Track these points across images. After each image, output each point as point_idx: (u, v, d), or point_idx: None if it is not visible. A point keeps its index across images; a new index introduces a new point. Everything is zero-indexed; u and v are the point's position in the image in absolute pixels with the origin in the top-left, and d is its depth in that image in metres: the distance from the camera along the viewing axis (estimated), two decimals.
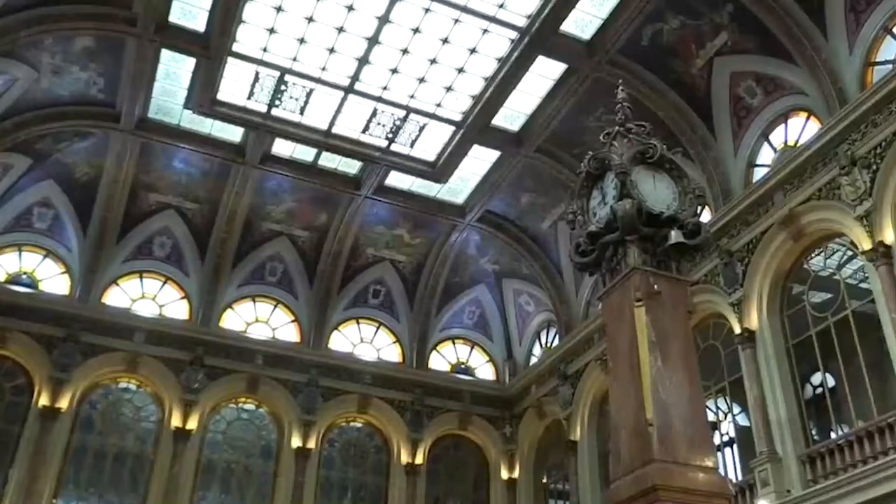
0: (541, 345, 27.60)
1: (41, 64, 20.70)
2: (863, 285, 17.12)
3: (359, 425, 26.24)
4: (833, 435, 17.42)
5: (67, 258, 24.28)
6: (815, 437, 17.56)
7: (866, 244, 15.79)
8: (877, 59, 16.95)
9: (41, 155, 22.87)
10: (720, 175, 19.99)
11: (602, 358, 21.71)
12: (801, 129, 18.66)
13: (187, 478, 22.98)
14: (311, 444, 24.51)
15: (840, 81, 17.06)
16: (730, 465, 20.02)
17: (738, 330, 18.44)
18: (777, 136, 19.34)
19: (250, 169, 24.04)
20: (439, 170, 24.11)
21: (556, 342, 26.23)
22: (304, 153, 24.17)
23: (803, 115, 18.66)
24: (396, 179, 25.04)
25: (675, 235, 7.19)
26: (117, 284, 24.82)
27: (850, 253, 17.22)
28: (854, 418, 16.57)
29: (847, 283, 17.30)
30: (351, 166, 24.76)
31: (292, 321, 26.49)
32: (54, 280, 24.13)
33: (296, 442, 24.40)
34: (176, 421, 23.35)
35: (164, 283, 25.41)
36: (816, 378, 18.66)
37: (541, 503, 26.18)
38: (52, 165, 23.28)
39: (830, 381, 18.14)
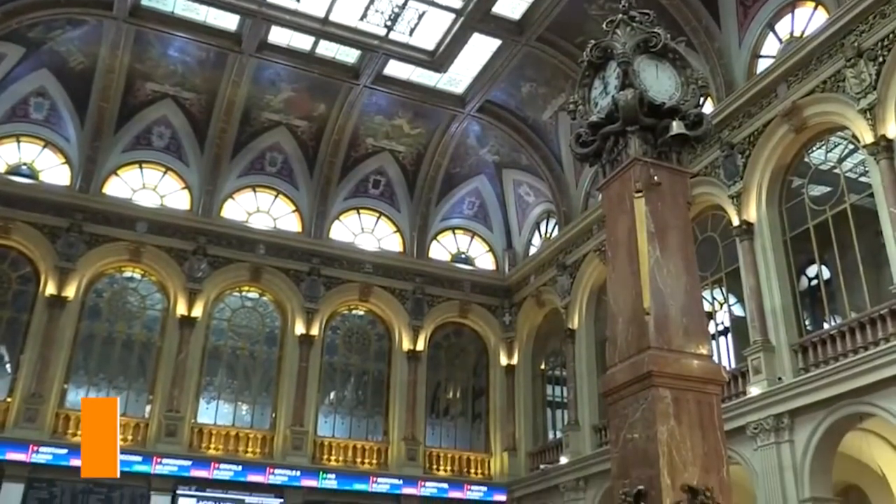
0: (540, 235, 27.82)
1: None
2: (862, 179, 17.09)
3: (361, 313, 26.71)
4: (826, 325, 17.75)
5: (66, 148, 24.18)
6: (808, 328, 17.91)
7: (868, 138, 15.71)
8: None
9: (34, 44, 22.49)
10: (724, 66, 19.71)
11: (601, 248, 21.93)
12: (807, 20, 18.30)
13: (194, 363, 23.56)
14: (315, 332, 25.01)
15: None
16: (724, 353, 20.44)
17: (736, 222, 18.55)
18: (783, 27, 18.98)
19: (247, 58, 23.70)
20: (439, 59, 23.75)
21: (555, 233, 26.43)
22: (302, 42, 23.75)
23: (810, 4, 18.27)
24: (395, 69, 24.69)
25: (676, 126, 7.17)
26: (117, 175, 24.81)
27: (851, 146, 17.15)
28: (847, 309, 16.86)
29: (847, 177, 17.28)
30: (349, 55, 24.38)
31: (293, 211, 26.62)
32: (54, 170, 24.10)
33: (299, 329, 24.89)
34: (181, 309, 23.76)
35: (165, 173, 25.39)
36: (812, 270, 18.88)
37: (539, 388, 26.91)
38: (45, 54, 22.93)
39: (826, 274, 18.38)
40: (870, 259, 16.75)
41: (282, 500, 22.97)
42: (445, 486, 24.87)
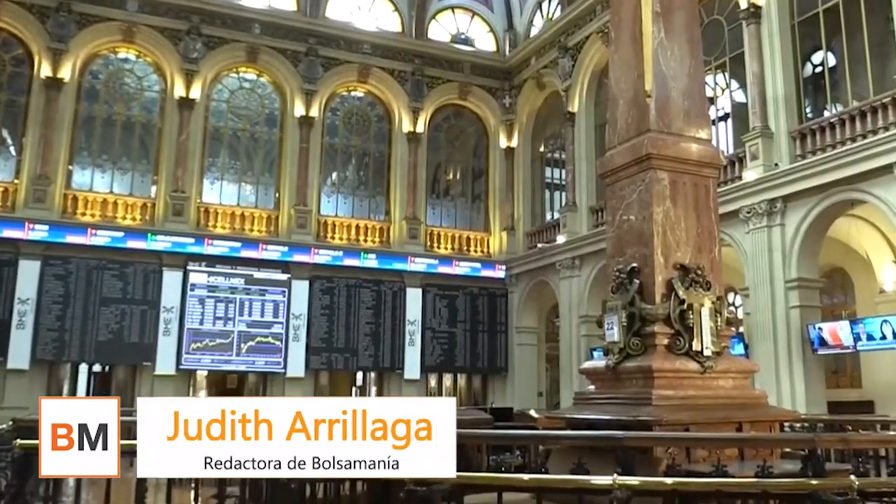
0: (542, 15, 27.07)
1: None
2: None
3: (360, 94, 26.49)
4: (826, 113, 17.71)
5: None
6: (809, 115, 17.89)
7: None
8: None
9: None
10: None
11: (604, 30, 21.43)
12: None
13: (195, 145, 23.65)
14: (314, 113, 24.93)
15: None
16: (723, 138, 20.50)
17: (744, 5, 18.02)
18: None
19: None
20: None
21: (557, 13, 25.70)
22: None
23: None
24: None
25: None
26: None
27: None
28: (849, 98, 16.76)
29: None
30: None
31: None
32: None
33: (299, 110, 24.78)
34: (179, 90, 23.51)
35: None
36: (817, 57, 18.57)
37: (538, 170, 27.23)
38: None
39: (831, 61, 18.10)
40: (877, 48, 16.44)
41: (288, 276, 23.88)
42: (449, 261, 25.77)
